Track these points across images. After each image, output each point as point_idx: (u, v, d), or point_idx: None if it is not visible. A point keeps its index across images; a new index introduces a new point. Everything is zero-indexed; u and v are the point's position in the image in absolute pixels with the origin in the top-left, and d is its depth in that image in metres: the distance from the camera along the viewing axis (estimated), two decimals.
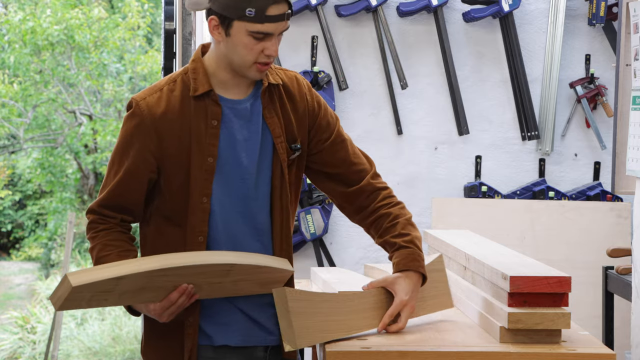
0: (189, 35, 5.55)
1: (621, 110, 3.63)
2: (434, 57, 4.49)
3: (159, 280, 2.29)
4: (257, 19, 2.33)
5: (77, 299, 2.23)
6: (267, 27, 2.34)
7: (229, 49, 2.38)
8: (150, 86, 2.47)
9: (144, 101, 2.42)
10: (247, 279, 2.38)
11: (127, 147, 2.43)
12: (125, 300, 2.34)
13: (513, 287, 2.36)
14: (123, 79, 15.04)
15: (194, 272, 2.30)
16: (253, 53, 2.37)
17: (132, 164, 2.42)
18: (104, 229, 2.47)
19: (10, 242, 17.18)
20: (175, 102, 2.42)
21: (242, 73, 2.42)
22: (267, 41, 2.36)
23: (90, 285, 2.20)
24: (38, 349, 9.54)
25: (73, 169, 15.93)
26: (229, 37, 2.37)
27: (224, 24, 2.36)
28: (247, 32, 2.34)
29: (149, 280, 2.27)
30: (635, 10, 3.34)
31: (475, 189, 4.44)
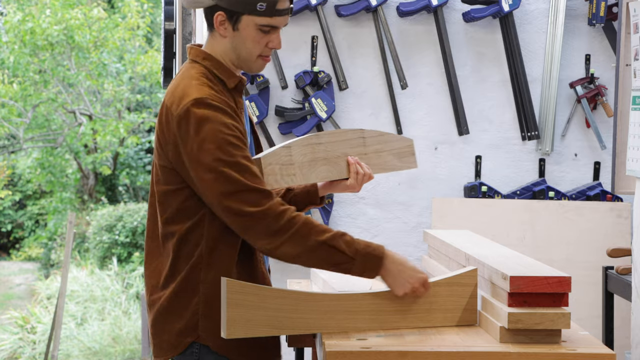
0: (189, 35, 5.55)
1: (621, 110, 3.63)
2: (434, 57, 4.49)
3: (320, 150, 2.62)
4: (267, 13, 2.44)
5: (271, 173, 2.51)
6: (275, 21, 2.46)
7: (235, 43, 2.49)
8: (194, 85, 2.44)
9: (212, 95, 2.42)
10: (383, 149, 2.76)
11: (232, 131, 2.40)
12: (308, 175, 2.59)
13: (513, 287, 2.36)
14: (123, 79, 15.05)
15: (337, 139, 2.66)
16: (260, 46, 2.49)
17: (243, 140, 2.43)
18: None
19: (10, 242, 17.19)
20: (223, 94, 2.48)
21: (246, 66, 2.53)
22: (272, 34, 2.48)
23: (270, 155, 2.51)
24: (38, 349, 9.54)
25: (73, 169, 15.93)
26: (236, 32, 2.47)
27: (232, 19, 2.46)
28: (256, 26, 2.46)
29: (312, 149, 2.60)
30: (635, 10, 3.34)
31: (475, 189, 4.44)
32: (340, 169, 2.66)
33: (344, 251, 2.39)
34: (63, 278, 8.35)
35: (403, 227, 4.48)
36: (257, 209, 2.35)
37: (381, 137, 2.76)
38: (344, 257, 2.39)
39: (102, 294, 10.65)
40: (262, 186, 2.39)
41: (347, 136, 2.68)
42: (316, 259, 2.40)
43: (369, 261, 2.42)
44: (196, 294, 2.47)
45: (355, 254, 2.40)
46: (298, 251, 2.38)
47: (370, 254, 2.42)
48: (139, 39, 15.02)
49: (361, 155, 2.70)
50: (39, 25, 13.71)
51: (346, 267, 2.41)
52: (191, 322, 2.47)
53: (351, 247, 2.40)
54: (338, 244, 2.38)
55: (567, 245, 4.37)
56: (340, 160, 2.66)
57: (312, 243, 2.37)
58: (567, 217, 4.39)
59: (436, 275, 3.04)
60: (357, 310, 2.49)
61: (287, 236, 2.36)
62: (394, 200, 4.48)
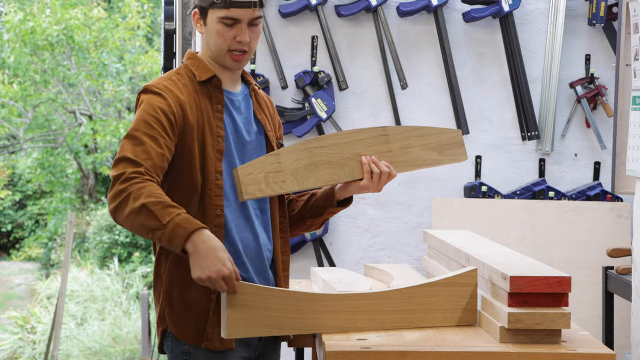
0: (189, 35, 5.55)
1: (621, 110, 3.63)
2: (434, 57, 4.49)
3: (322, 153, 2.53)
4: (222, 4, 2.53)
5: (252, 181, 2.45)
6: (233, 12, 2.54)
7: (207, 38, 2.60)
8: (158, 78, 2.61)
9: (160, 84, 2.56)
10: (414, 145, 2.62)
11: (155, 113, 2.49)
12: (304, 180, 2.52)
13: (513, 287, 2.36)
14: (123, 79, 15.05)
15: (348, 139, 2.58)
16: (226, 40, 2.56)
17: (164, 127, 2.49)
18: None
19: (10, 242, 17.18)
20: (186, 87, 2.59)
21: (220, 62, 2.62)
22: (236, 28, 2.55)
23: (250, 165, 2.46)
24: (38, 349, 9.54)
25: (73, 169, 15.93)
26: (206, 27, 2.59)
27: (202, 15, 2.59)
28: (217, 18, 2.55)
29: (310, 154, 2.52)
30: (635, 10, 3.34)
31: (475, 189, 4.44)
32: (349, 171, 2.57)
33: (159, 217, 2.34)
34: (63, 278, 8.35)
35: (403, 227, 4.48)
36: (114, 174, 2.42)
37: (412, 131, 2.63)
38: (158, 223, 2.34)
39: (102, 294, 10.65)
40: (137, 156, 2.42)
41: (362, 136, 2.58)
42: (137, 223, 2.37)
43: (177, 232, 2.34)
44: (162, 283, 2.58)
45: (169, 222, 2.34)
46: (126, 213, 2.37)
47: (181, 226, 2.34)
48: (139, 39, 15.02)
49: (383, 153, 2.59)
50: (39, 25, 13.71)
51: (159, 235, 2.36)
52: (162, 311, 2.58)
53: (169, 216, 2.35)
54: (157, 210, 2.35)
55: (567, 245, 4.37)
56: (350, 161, 2.57)
57: (137, 205, 2.35)
58: (567, 217, 4.39)
59: (436, 275, 3.05)
60: (357, 310, 2.49)
61: (122, 198, 2.37)
62: (394, 200, 4.48)
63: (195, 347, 2.53)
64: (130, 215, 2.37)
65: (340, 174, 2.56)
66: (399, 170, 2.60)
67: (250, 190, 2.45)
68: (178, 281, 2.53)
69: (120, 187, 2.39)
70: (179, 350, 2.55)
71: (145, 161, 2.43)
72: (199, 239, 2.34)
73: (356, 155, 2.57)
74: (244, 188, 2.44)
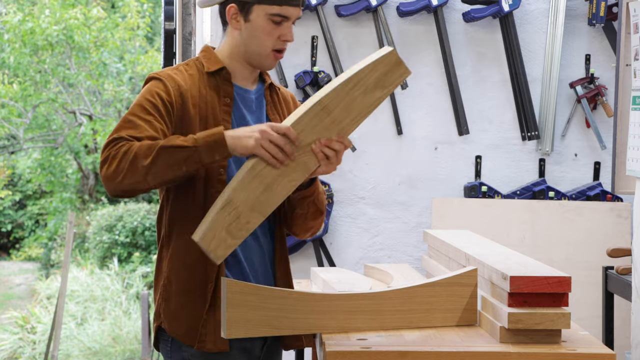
0: (189, 35, 5.55)
1: (621, 110, 3.63)
2: (434, 57, 4.49)
3: (269, 173, 2.34)
4: (277, 2, 2.45)
5: (219, 244, 2.31)
6: (285, 10, 2.46)
7: (247, 35, 2.49)
8: (165, 68, 2.56)
9: (163, 72, 2.50)
10: (355, 96, 2.39)
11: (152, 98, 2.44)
12: (265, 206, 2.35)
13: (513, 287, 2.36)
14: (123, 79, 15.05)
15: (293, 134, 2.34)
16: (271, 38, 2.48)
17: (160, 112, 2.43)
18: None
19: (10, 242, 17.19)
20: (192, 77, 2.51)
21: (257, 62, 2.53)
22: (283, 27, 2.48)
23: (209, 230, 2.29)
24: (38, 349, 9.54)
25: (73, 169, 15.93)
26: (248, 23, 2.48)
27: (243, 10, 2.47)
28: (266, 15, 2.46)
29: (259, 181, 2.33)
30: (635, 10, 3.34)
31: (475, 189, 4.44)
32: (304, 167, 2.38)
33: (184, 145, 2.33)
34: (63, 278, 8.35)
35: (403, 227, 4.48)
36: (103, 158, 2.37)
37: (347, 86, 2.36)
38: (187, 149, 2.33)
39: (102, 294, 10.65)
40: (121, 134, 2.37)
41: (302, 125, 2.35)
42: (164, 165, 2.33)
43: (211, 141, 2.34)
44: (162, 277, 2.54)
45: (195, 142, 2.34)
46: (145, 171, 2.32)
47: (209, 135, 2.34)
48: (139, 39, 15.02)
49: (329, 126, 2.37)
50: (39, 25, 13.71)
51: (194, 159, 2.34)
52: (159, 306, 2.55)
53: (188, 139, 2.35)
54: (174, 142, 2.34)
55: (567, 245, 4.37)
56: (300, 157, 2.36)
57: (152, 155, 2.32)
58: (567, 217, 4.39)
59: (436, 275, 3.04)
60: (357, 310, 2.49)
61: (127, 166, 2.32)
62: (394, 200, 4.48)
63: (194, 353, 2.49)
64: (151, 168, 2.32)
65: (297, 176, 2.38)
66: (353, 129, 2.41)
67: (220, 253, 2.33)
68: (177, 275, 2.50)
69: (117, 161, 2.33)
70: (179, 357, 2.52)
71: (131, 136, 2.38)
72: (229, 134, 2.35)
73: (304, 147, 2.37)
74: (213, 255, 2.32)
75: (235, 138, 2.35)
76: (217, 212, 2.31)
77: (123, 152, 2.34)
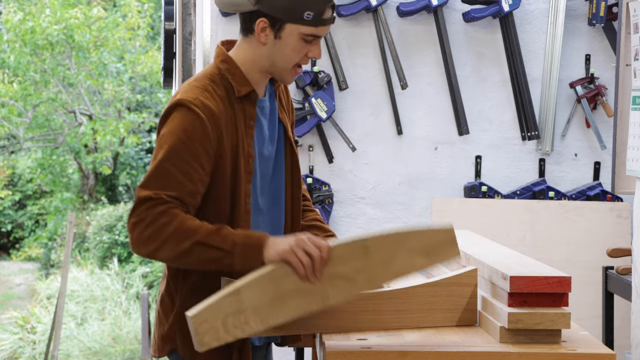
0: (189, 35, 5.55)
1: (621, 110, 3.63)
2: (434, 57, 4.49)
3: (289, 281, 2.23)
4: (313, 23, 2.36)
5: (209, 330, 2.18)
6: (320, 31, 2.38)
7: (275, 52, 2.40)
8: (191, 86, 2.39)
9: (196, 99, 2.34)
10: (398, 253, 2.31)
11: (190, 142, 2.32)
12: (271, 317, 2.22)
13: (513, 287, 2.36)
14: (123, 79, 15.05)
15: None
16: (299, 55, 2.40)
17: (199, 159, 2.32)
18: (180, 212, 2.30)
19: (10, 242, 17.19)
20: (223, 102, 2.39)
21: (279, 76, 2.45)
22: (312, 44, 2.41)
23: (206, 310, 2.17)
24: (38, 349, 9.55)
25: (73, 168, 15.94)
26: (277, 40, 2.38)
27: (275, 27, 2.37)
28: (299, 34, 2.37)
29: (275, 286, 2.22)
30: (635, 10, 3.34)
31: (475, 189, 4.44)
32: (322, 296, 2.26)
33: (220, 246, 2.26)
34: (63, 278, 8.35)
35: None
36: (136, 219, 2.27)
37: (395, 237, 2.30)
38: (221, 252, 2.26)
39: (102, 294, 10.65)
40: (162, 195, 2.27)
41: (338, 252, 2.26)
42: (195, 259, 2.28)
43: (249, 251, 2.27)
44: (174, 305, 2.46)
45: (233, 246, 2.26)
46: (173, 254, 2.27)
47: (248, 244, 2.27)
48: (140, 39, 15.02)
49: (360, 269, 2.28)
50: (39, 25, 13.72)
51: (227, 262, 2.28)
52: (170, 331, 2.46)
53: (227, 240, 2.26)
54: (212, 240, 2.26)
55: (567, 245, 4.37)
56: (323, 285, 2.26)
57: (185, 245, 2.25)
58: (567, 217, 4.39)
59: (436, 275, 3.04)
60: (357, 310, 2.49)
61: (159, 242, 2.26)
62: (394, 200, 4.48)
63: None
64: (181, 256, 2.27)
65: (312, 302, 2.24)
66: (382, 282, 2.34)
67: (206, 341, 2.18)
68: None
69: (148, 233, 2.26)
70: None
71: (171, 196, 2.28)
72: (269, 245, 2.27)
73: (330, 276, 2.25)
74: (199, 339, 2.18)
75: (272, 245, 2.27)
76: (221, 298, 2.19)
77: (161, 225, 2.26)
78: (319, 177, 4.41)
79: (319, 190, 4.37)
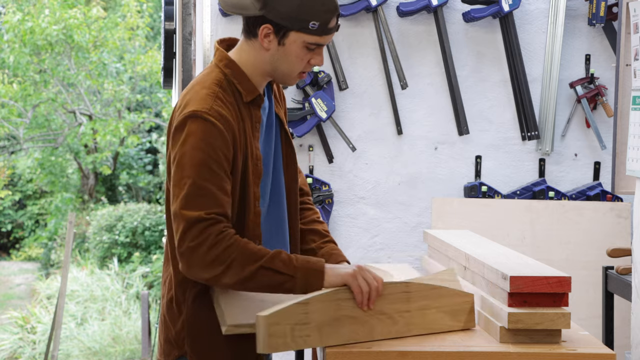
0: (189, 35, 5.55)
1: (621, 110, 3.63)
2: (434, 57, 4.49)
3: (347, 307, 2.32)
4: (319, 32, 2.36)
5: (279, 333, 2.21)
6: (324, 40, 2.39)
7: (278, 58, 2.40)
8: (202, 95, 2.38)
9: (211, 109, 2.34)
10: (431, 306, 2.44)
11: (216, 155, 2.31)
12: (328, 336, 2.29)
13: (513, 287, 2.36)
14: (123, 78, 15.05)
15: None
16: (302, 63, 2.41)
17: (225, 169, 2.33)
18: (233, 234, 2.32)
19: (10, 242, 17.20)
20: (233, 108, 2.39)
21: (283, 81, 2.46)
22: (315, 52, 2.41)
23: (280, 313, 2.20)
24: (38, 349, 9.55)
25: (73, 169, 15.94)
26: (281, 47, 2.39)
27: (279, 34, 2.37)
28: (303, 43, 2.37)
29: (337, 306, 2.30)
30: (635, 10, 3.34)
31: (475, 189, 4.44)
32: (370, 329, 2.35)
33: (283, 271, 2.29)
34: (63, 278, 8.35)
35: (403, 227, 4.48)
36: (193, 243, 2.27)
37: (432, 291, 2.45)
38: (284, 276, 2.30)
39: (102, 294, 10.66)
40: (212, 214, 2.28)
41: (386, 290, 2.38)
42: (257, 284, 2.30)
43: (311, 275, 2.32)
44: (181, 312, 2.46)
45: (295, 271, 2.30)
46: (237, 279, 2.29)
47: (311, 269, 2.32)
48: (139, 39, 15.02)
49: (402, 313, 2.40)
50: (39, 25, 13.71)
51: (288, 286, 2.31)
52: (179, 336, 2.47)
53: (289, 265, 2.30)
54: (276, 265, 2.29)
55: (567, 245, 4.37)
56: (371, 318, 2.36)
57: (250, 270, 2.28)
58: (567, 217, 4.39)
59: None
60: None
61: (223, 267, 2.27)
62: (394, 200, 4.48)
63: None
64: (244, 281, 2.29)
65: (360, 332, 2.34)
66: (413, 332, 2.43)
67: (274, 344, 2.21)
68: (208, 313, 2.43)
69: (211, 258, 2.26)
70: None
71: (219, 214, 2.29)
72: (329, 271, 2.33)
73: (378, 312, 2.36)
74: (269, 340, 2.21)
75: (332, 270, 2.34)
76: (292, 305, 2.24)
77: (224, 248, 2.27)
78: (319, 177, 4.41)
79: (319, 190, 4.37)
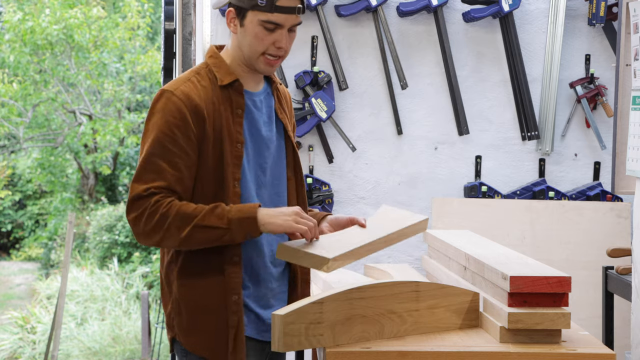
0: (189, 35, 5.55)
1: (621, 110, 3.63)
2: (434, 57, 4.49)
3: (360, 306, 2.37)
4: (267, 8, 2.48)
5: (294, 333, 2.26)
6: (276, 17, 2.50)
7: (242, 39, 2.54)
8: (177, 79, 2.55)
9: (178, 90, 2.50)
10: (440, 305, 2.51)
11: (171, 132, 2.46)
12: (339, 336, 2.34)
13: (513, 287, 2.36)
14: (123, 78, 15.05)
15: (384, 293, 2.43)
16: (263, 44, 2.52)
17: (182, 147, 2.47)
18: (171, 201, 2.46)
19: (10, 242, 17.19)
20: (206, 91, 2.53)
21: (251, 65, 2.56)
22: (277, 33, 2.51)
23: (295, 313, 2.25)
24: (38, 349, 9.54)
25: (73, 168, 15.93)
26: (242, 28, 2.53)
27: (240, 15, 2.52)
28: (258, 21, 2.50)
29: (350, 305, 2.35)
30: (635, 10, 3.34)
31: (475, 189, 4.44)
32: (380, 328, 2.41)
33: (218, 225, 2.42)
34: (63, 278, 8.35)
35: None
36: (134, 214, 2.44)
37: (440, 290, 2.53)
38: (220, 230, 2.42)
39: (102, 294, 10.65)
40: (152, 188, 2.43)
41: (396, 290, 2.45)
42: (197, 242, 2.44)
43: (245, 224, 2.43)
44: (171, 292, 2.56)
45: (229, 223, 2.42)
46: (177, 242, 2.43)
47: (244, 218, 2.42)
48: (140, 39, 15.02)
49: (411, 311, 2.47)
50: (39, 25, 13.72)
51: (227, 239, 2.44)
52: (169, 318, 2.58)
53: (223, 218, 2.42)
54: (211, 221, 2.41)
55: (567, 245, 4.37)
56: (382, 318, 2.41)
57: (187, 230, 2.41)
58: (567, 217, 4.39)
59: (436, 275, 3.05)
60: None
61: (162, 233, 2.42)
62: (394, 200, 4.47)
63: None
64: (184, 241, 2.43)
65: (371, 332, 2.40)
66: (421, 331, 2.49)
67: (289, 342, 2.26)
68: (191, 290, 2.52)
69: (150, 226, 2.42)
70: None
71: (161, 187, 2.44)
72: (262, 216, 2.43)
73: (388, 311, 2.43)
74: (285, 339, 2.25)
75: (269, 216, 2.44)
76: (307, 304, 2.29)
77: (160, 216, 2.42)
78: (319, 177, 4.41)
79: (319, 190, 4.37)
